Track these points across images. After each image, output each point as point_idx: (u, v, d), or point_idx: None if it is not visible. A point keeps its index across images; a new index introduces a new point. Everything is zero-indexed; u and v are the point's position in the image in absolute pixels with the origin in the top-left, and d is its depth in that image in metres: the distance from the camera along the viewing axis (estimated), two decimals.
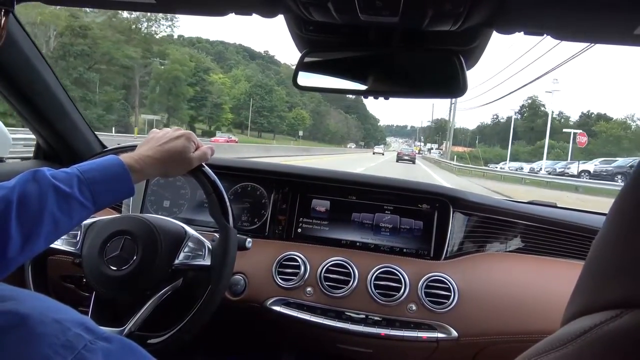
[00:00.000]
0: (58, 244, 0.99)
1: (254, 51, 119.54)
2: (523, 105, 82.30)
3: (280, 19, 0.79)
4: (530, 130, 73.60)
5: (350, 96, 0.90)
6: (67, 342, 0.32)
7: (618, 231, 0.31)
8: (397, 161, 36.13)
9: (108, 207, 0.84)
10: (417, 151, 70.27)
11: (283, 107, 78.46)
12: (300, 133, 76.79)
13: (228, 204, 1.00)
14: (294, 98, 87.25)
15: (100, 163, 0.79)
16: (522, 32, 0.74)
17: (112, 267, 0.94)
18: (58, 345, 0.32)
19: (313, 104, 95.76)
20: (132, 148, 0.91)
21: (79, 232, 1.01)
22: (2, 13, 0.65)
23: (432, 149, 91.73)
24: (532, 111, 78.59)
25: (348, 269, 1.19)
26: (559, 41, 0.72)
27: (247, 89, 72.35)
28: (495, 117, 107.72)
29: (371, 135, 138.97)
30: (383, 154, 54.19)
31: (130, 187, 0.81)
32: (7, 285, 0.37)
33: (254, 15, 0.77)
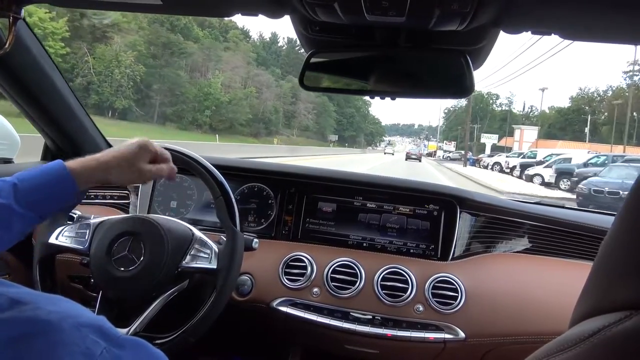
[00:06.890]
0: (66, 242, 0.99)
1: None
2: None
3: (286, 19, 0.80)
4: None
5: None
6: (87, 350, 0.32)
7: (628, 231, 0.31)
8: (406, 159, 38.41)
9: (59, 213, 0.79)
10: (435, 150, 66.97)
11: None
12: None
13: (236, 207, 1.00)
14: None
15: (43, 169, 0.76)
16: (529, 32, 0.74)
17: (119, 268, 0.94)
18: (78, 353, 0.32)
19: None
20: None
21: (88, 231, 1.01)
22: (12, 20, 0.66)
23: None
24: None
25: (355, 269, 1.19)
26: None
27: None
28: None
29: (357, 126, 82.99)
30: (393, 154, 56.48)
31: (73, 192, 0.77)
32: (24, 288, 0.37)
33: (260, 15, 0.77)
